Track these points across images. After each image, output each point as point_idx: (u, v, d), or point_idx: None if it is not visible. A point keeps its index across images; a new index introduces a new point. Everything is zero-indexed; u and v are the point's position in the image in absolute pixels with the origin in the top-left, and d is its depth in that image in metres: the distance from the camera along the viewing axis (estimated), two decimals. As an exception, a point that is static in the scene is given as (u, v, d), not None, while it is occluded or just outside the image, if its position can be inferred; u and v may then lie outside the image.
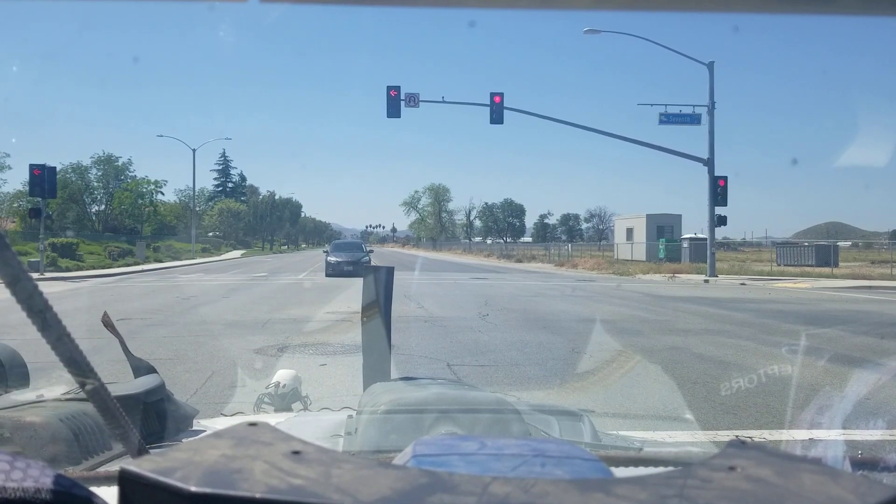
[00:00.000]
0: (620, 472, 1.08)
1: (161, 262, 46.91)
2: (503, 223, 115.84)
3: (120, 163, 64.63)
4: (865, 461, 1.24)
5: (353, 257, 29.85)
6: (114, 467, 1.19)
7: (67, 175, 61.22)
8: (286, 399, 2.71)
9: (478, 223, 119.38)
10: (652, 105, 31.72)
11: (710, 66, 31.20)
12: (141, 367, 2.00)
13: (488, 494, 0.62)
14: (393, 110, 29.76)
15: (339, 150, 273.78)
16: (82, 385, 1.08)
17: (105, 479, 1.06)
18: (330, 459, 0.68)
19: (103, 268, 36.87)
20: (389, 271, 2.69)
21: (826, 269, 32.44)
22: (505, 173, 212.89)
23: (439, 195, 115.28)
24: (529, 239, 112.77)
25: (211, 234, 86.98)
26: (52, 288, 21.19)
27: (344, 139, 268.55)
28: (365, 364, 2.56)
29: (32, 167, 29.30)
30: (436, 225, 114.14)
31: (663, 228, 49.69)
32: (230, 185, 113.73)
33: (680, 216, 52.30)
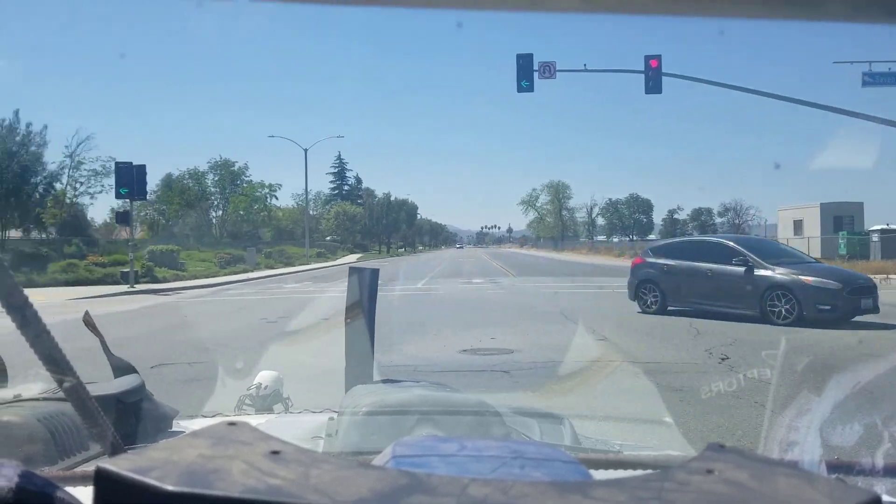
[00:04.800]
0: (599, 474, 1.08)
1: (272, 268, 44.57)
2: (629, 220, 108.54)
3: (236, 167, 63.76)
4: (842, 464, 1.25)
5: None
6: (90, 467, 1.18)
7: (185, 181, 60.99)
8: (268, 400, 2.70)
9: (600, 221, 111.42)
10: (852, 63, 25.09)
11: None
12: (121, 367, 1.99)
13: (466, 496, 0.62)
14: (525, 81, 24.81)
15: (453, 149, 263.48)
16: (60, 383, 1.07)
17: (81, 479, 1.05)
18: (309, 460, 0.68)
19: (208, 276, 34.40)
20: (374, 273, 2.69)
21: None
22: (630, 166, 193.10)
23: (559, 192, 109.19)
24: (657, 236, 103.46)
25: (328, 237, 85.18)
26: (124, 305, 19.20)
27: (459, 139, 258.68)
28: (347, 366, 2.56)
29: (119, 165, 26.79)
30: (556, 223, 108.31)
31: (841, 220, 41.20)
32: (346, 187, 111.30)
33: (861, 204, 43.72)
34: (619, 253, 62.77)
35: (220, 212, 64.76)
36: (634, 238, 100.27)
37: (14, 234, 43.50)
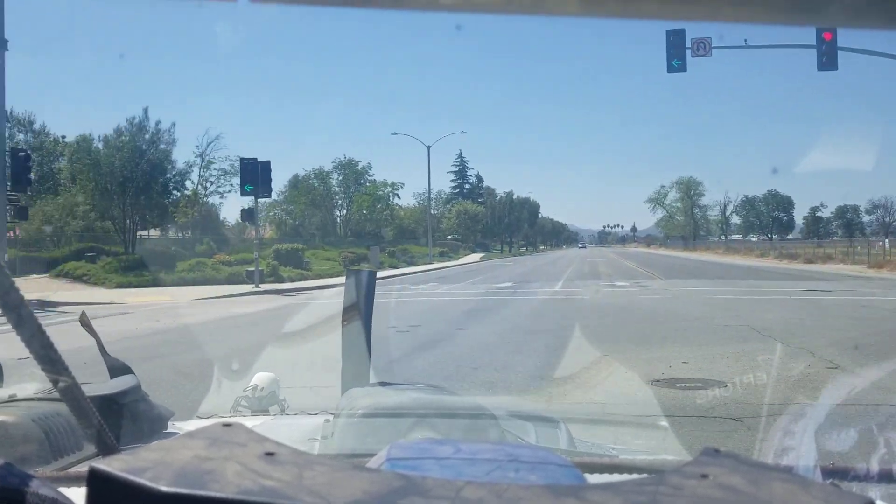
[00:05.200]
0: (594, 478, 1.08)
1: (395, 267, 44.11)
2: (766, 218, 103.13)
3: (359, 166, 64.38)
4: (837, 470, 1.25)
5: None
6: (84, 468, 1.18)
7: (311, 180, 62.06)
8: (263, 402, 2.69)
9: (735, 219, 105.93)
10: None
11: None
12: (117, 367, 1.98)
13: (461, 499, 0.62)
14: (677, 60, 22.14)
15: (575, 147, 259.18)
16: (55, 383, 1.07)
17: (75, 480, 1.05)
18: (303, 461, 0.68)
19: (332, 276, 33.16)
20: (371, 274, 2.69)
21: None
22: (767, 161, 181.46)
23: (690, 189, 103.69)
24: (798, 235, 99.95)
25: (449, 237, 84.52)
26: (249, 306, 18.57)
27: (581, 136, 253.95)
28: (344, 368, 2.56)
29: (244, 161, 25.77)
30: (687, 222, 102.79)
31: None
32: (467, 186, 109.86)
33: None
34: (762, 253, 57.16)
35: (344, 211, 65.29)
36: (773, 237, 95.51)
37: (154, 233, 43.87)
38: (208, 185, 47.71)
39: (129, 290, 25.52)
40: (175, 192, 40.83)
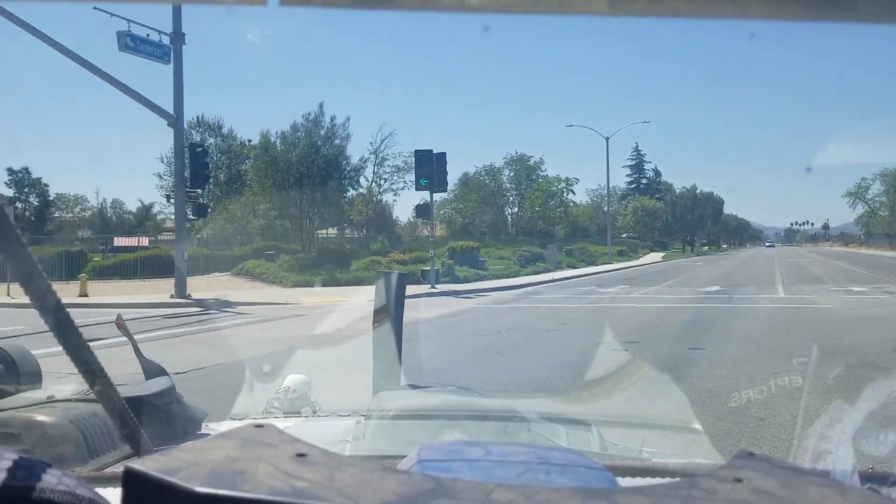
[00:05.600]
0: (626, 481, 1.07)
1: (574, 267, 41.57)
2: None
3: (531, 161, 62.21)
4: (875, 475, 1.22)
5: None
6: (120, 468, 1.20)
7: (481, 177, 60.92)
8: (295, 403, 2.72)
9: None
10: None
11: None
12: (152, 369, 2.01)
13: (491, 501, 0.61)
14: None
15: (757, 139, 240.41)
16: (92, 385, 1.08)
17: (111, 480, 1.07)
18: (334, 463, 0.68)
19: (508, 276, 31.61)
20: (401, 277, 2.70)
21: None
22: None
23: None
24: None
25: (624, 235, 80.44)
26: (430, 309, 16.29)
27: (763, 126, 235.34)
28: (375, 370, 2.57)
29: (418, 153, 24.08)
30: (893, 218, 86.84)
31: None
32: (644, 181, 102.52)
33: None
34: None
35: (515, 208, 63.25)
36: None
37: (330, 231, 44.52)
38: (382, 182, 47.09)
39: (304, 289, 24.92)
40: (350, 188, 40.99)
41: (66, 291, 23.62)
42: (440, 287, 24.41)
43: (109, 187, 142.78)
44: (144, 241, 41.51)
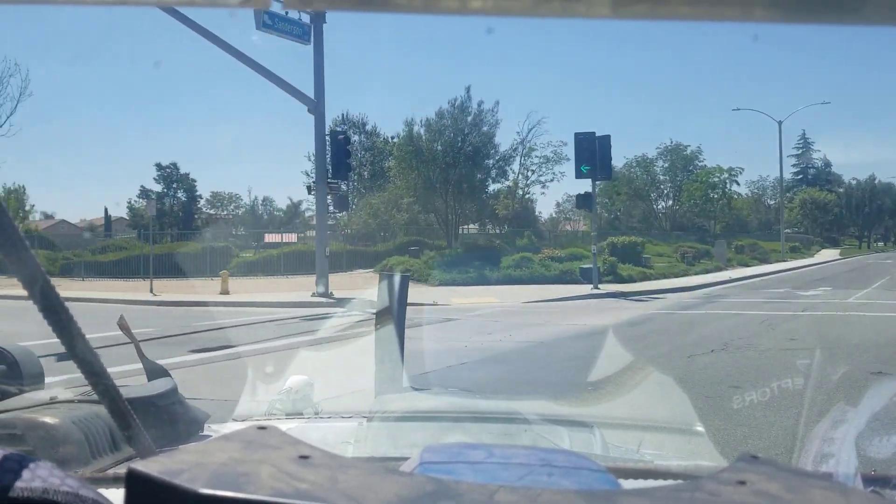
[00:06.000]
0: (628, 483, 1.07)
1: (746, 265, 37.51)
2: None
3: (688, 151, 56.06)
4: (878, 478, 1.22)
5: None
6: (123, 469, 1.20)
7: (632, 169, 56.81)
8: (298, 405, 2.72)
9: None
10: None
11: None
12: (154, 371, 2.02)
13: (494, 503, 0.61)
14: None
15: None
16: (94, 386, 1.08)
17: (113, 481, 1.07)
18: (337, 465, 0.68)
19: (676, 275, 28.37)
20: (404, 279, 2.70)
21: None
22: None
23: None
24: None
25: (788, 230, 70.65)
26: (599, 315, 14.34)
27: None
28: (377, 372, 2.56)
29: (579, 137, 21.79)
30: None
31: None
32: (811, 171, 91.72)
33: None
34: None
35: (670, 201, 58.06)
36: None
37: (471, 227, 42.73)
38: (529, 173, 43.37)
39: (451, 287, 23.37)
40: (499, 180, 38.75)
41: (209, 288, 22.64)
42: (603, 287, 21.69)
43: (260, 186, 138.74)
44: (292, 238, 41.65)
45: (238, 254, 33.74)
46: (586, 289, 21.43)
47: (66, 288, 24.12)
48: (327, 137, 20.58)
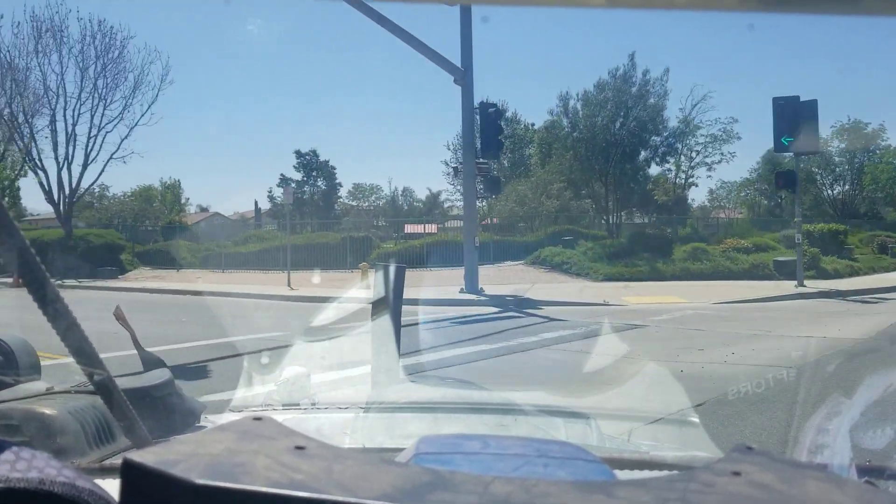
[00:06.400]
0: (624, 474, 1.08)
1: None
2: None
3: (868, 129, 48.29)
4: (873, 468, 1.23)
5: None
6: (119, 459, 1.20)
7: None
8: (294, 396, 2.72)
9: None
10: None
11: None
12: (151, 361, 2.02)
13: (489, 494, 0.62)
14: None
15: None
16: (91, 377, 1.08)
17: (110, 471, 1.07)
18: (333, 455, 0.68)
19: (885, 270, 24.35)
20: (400, 269, 2.69)
21: None
22: None
23: None
24: None
25: None
26: (838, 321, 11.35)
27: None
28: (374, 363, 2.57)
29: (777, 102, 18.46)
30: None
31: None
32: None
33: None
34: None
35: (846, 185, 50.02)
36: None
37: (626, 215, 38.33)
38: (694, 154, 38.03)
39: (619, 283, 20.34)
40: (667, 160, 34.30)
41: (349, 281, 20.75)
42: (809, 284, 17.95)
43: (401, 177, 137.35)
44: (433, 228, 40.42)
45: (379, 244, 31.70)
46: (788, 286, 17.74)
47: (204, 280, 23.35)
48: (476, 112, 17.95)
